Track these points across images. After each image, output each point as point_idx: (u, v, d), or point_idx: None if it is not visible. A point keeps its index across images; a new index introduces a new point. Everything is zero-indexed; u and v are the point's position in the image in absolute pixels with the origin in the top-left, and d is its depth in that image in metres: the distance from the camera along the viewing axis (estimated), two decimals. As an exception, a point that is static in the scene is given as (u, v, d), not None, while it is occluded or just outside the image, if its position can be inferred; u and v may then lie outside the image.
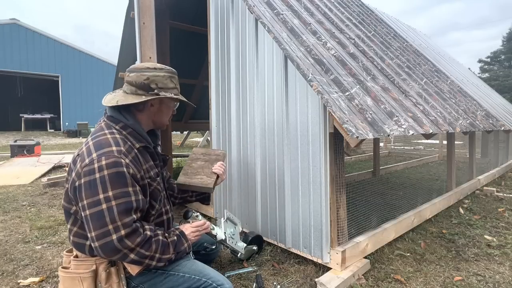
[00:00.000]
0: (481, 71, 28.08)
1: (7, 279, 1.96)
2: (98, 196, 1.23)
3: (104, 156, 1.26)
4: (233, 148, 2.68)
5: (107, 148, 1.30)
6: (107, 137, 1.35)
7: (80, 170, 1.27)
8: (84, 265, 1.36)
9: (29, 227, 2.87)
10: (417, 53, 4.77)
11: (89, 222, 1.24)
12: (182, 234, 1.50)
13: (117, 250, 1.24)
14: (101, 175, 1.24)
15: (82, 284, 1.34)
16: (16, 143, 7.25)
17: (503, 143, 6.07)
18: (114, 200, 1.24)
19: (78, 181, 1.26)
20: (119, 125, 1.42)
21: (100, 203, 1.23)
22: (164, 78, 1.48)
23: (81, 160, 1.29)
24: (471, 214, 3.30)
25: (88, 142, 1.35)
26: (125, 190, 1.27)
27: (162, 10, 4.55)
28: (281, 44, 2.11)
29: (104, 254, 1.25)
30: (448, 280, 1.98)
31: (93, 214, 1.23)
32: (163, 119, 1.57)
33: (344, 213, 2.05)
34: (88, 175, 1.25)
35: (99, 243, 1.23)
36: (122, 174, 1.27)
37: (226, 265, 2.12)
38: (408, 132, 2.03)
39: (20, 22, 17.92)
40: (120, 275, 1.38)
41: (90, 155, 1.28)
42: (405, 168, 6.20)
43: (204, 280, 1.43)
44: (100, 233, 1.22)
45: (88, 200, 1.24)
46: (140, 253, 1.28)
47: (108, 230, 1.22)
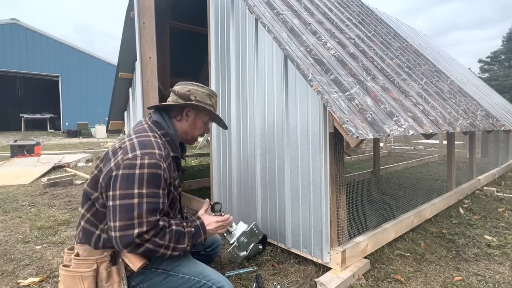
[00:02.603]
0: (481, 71, 28.09)
1: (7, 279, 1.96)
2: (133, 190, 1.29)
3: (147, 156, 1.34)
4: (233, 148, 2.68)
5: (151, 149, 1.38)
6: (151, 139, 1.44)
7: (121, 162, 1.32)
8: (85, 264, 1.37)
9: (29, 227, 2.87)
10: (417, 53, 4.77)
11: (116, 212, 1.28)
12: (202, 225, 1.54)
13: (135, 243, 1.28)
14: (140, 172, 1.31)
15: (83, 283, 1.35)
16: (16, 143, 7.25)
17: (503, 143, 6.07)
18: (146, 198, 1.31)
19: (116, 171, 1.32)
20: (161, 131, 1.54)
21: (133, 197, 1.29)
22: (203, 94, 1.65)
23: (124, 153, 1.35)
24: (471, 214, 3.30)
25: (132, 139, 1.43)
26: (157, 192, 1.35)
27: (162, 10, 4.55)
28: (281, 44, 2.11)
29: (121, 244, 1.28)
30: (448, 280, 1.98)
31: (123, 205, 1.28)
32: (194, 132, 1.70)
33: (344, 213, 2.05)
34: (128, 168, 1.31)
35: (119, 234, 1.27)
36: (159, 176, 1.35)
37: (226, 265, 2.12)
38: (408, 132, 2.03)
39: (20, 22, 17.93)
40: (121, 274, 1.39)
41: (134, 151, 1.35)
42: (405, 168, 6.20)
43: (204, 282, 1.43)
44: (124, 224, 1.27)
45: (121, 191, 1.29)
46: (154, 242, 1.32)
47: (132, 223, 1.28)
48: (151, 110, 1.64)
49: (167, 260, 1.46)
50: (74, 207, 3.54)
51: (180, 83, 1.69)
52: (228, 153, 2.75)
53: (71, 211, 3.38)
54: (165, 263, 1.47)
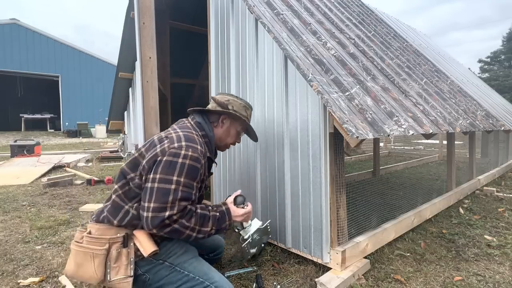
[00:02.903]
0: (481, 71, 28.09)
1: (7, 279, 1.96)
2: (173, 177, 1.40)
3: (191, 149, 1.47)
4: (233, 148, 2.68)
5: (195, 144, 1.50)
6: (195, 137, 1.57)
7: (167, 149, 1.44)
8: (98, 243, 1.43)
9: (29, 227, 2.87)
10: (417, 53, 4.77)
11: (153, 193, 1.38)
12: (227, 211, 1.61)
13: (164, 224, 1.36)
14: (183, 162, 1.42)
15: (94, 260, 1.40)
16: (16, 143, 7.26)
17: (503, 143, 6.07)
18: (182, 186, 1.41)
19: (161, 157, 1.43)
20: (202, 132, 1.67)
21: (171, 183, 1.39)
22: (240, 105, 1.81)
23: (170, 142, 1.47)
24: (471, 214, 3.30)
25: (178, 132, 1.55)
26: (192, 183, 1.46)
27: (162, 10, 4.56)
28: (281, 44, 2.11)
29: (152, 225, 1.36)
30: (448, 280, 1.98)
31: (161, 188, 1.38)
32: (228, 140, 1.84)
33: (344, 213, 2.05)
34: (172, 156, 1.42)
35: (152, 214, 1.36)
36: (197, 170, 1.47)
37: (226, 265, 2.13)
38: (408, 132, 2.03)
39: (20, 22, 17.94)
40: (129, 258, 1.43)
41: (180, 142, 1.47)
42: (405, 168, 6.20)
43: (207, 283, 1.45)
44: (158, 206, 1.36)
45: (161, 175, 1.39)
46: (181, 224, 1.40)
47: (166, 206, 1.36)
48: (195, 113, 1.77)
49: (175, 255, 1.50)
50: (74, 207, 3.54)
51: (221, 93, 1.87)
52: (228, 152, 2.75)
53: (71, 211, 3.38)
54: (173, 257, 1.50)
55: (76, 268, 1.43)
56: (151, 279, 1.46)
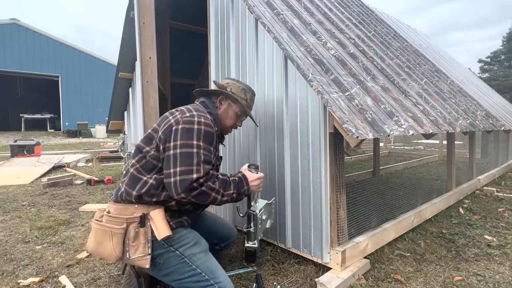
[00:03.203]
0: (481, 71, 28.09)
1: (7, 279, 1.97)
2: (193, 141, 1.47)
3: (203, 117, 1.55)
4: (234, 148, 2.68)
5: (204, 114, 1.59)
6: (203, 112, 1.63)
7: (180, 119, 1.51)
8: (116, 222, 1.46)
9: (29, 227, 2.87)
10: (417, 53, 4.77)
11: (177, 158, 1.43)
12: (244, 177, 1.69)
13: (192, 187, 1.41)
14: (198, 128, 1.50)
15: (112, 239, 1.44)
16: (16, 143, 7.26)
17: (503, 143, 6.07)
18: (203, 150, 1.48)
19: (176, 126, 1.49)
20: (207, 110, 1.74)
21: (193, 146, 1.46)
22: (239, 88, 1.85)
23: (182, 113, 1.55)
24: (471, 214, 3.30)
25: (187, 106, 1.64)
26: (210, 148, 1.54)
27: (162, 10, 4.56)
28: (281, 44, 2.11)
29: (180, 188, 1.40)
30: (448, 280, 1.98)
31: (184, 153, 1.44)
32: (226, 121, 1.85)
33: (344, 213, 2.05)
34: (188, 123, 1.50)
35: (180, 178, 1.40)
36: (212, 134, 1.56)
37: (226, 265, 2.13)
38: (408, 132, 2.03)
39: (20, 22, 17.93)
40: (147, 237, 1.45)
41: (190, 112, 1.56)
42: (405, 168, 6.20)
43: (211, 282, 1.45)
44: (185, 169, 1.41)
45: (182, 141, 1.46)
46: (208, 186, 1.46)
47: (192, 169, 1.42)
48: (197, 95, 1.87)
49: (187, 245, 1.51)
50: (74, 207, 3.54)
51: (225, 78, 1.96)
52: (228, 152, 2.75)
53: (71, 211, 3.38)
54: (184, 247, 1.50)
55: (96, 246, 1.48)
56: (161, 264, 1.48)
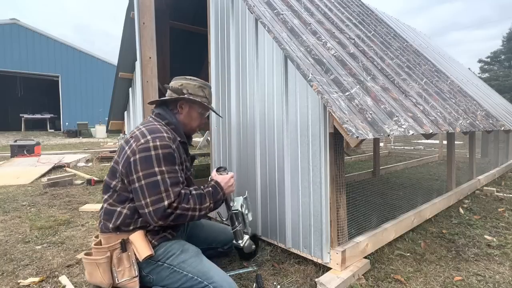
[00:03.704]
0: (481, 71, 28.08)
1: (7, 279, 1.96)
2: (154, 169, 1.46)
3: (158, 139, 1.51)
4: (233, 148, 2.68)
5: (159, 133, 1.55)
6: (158, 126, 1.61)
7: (136, 148, 1.49)
8: (100, 252, 1.52)
9: (29, 227, 2.87)
10: (417, 53, 4.77)
11: (144, 190, 1.44)
12: (217, 184, 1.73)
13: (166, 213, 1.43)
14: (156, 153, 1.48)
15: (99, 269, 1.51)
16: (16, 143, 7.26)
17: (503, 143, 6.06)
18: (167, 174, 1.47)
19: (134, 156, 1.48)
20: (165, 121, 1.70)
21: (156, 174, 1.45)
22: (195, 86, 1.79)
23: (136, 140, 1.52)
24: (471, 214, 3.30)
25: (140, 128, 1.59)
26: (175, 168, 1.53)
27: (162, 10, 4.56)
28: (281, 44, 2.11)
29: (156, 217, 1.43)
30: (448, 280, 1.98)
31: (149, 183, 1.44)
32: (192, 123, 1.83)
33: (344, 213, 2.05)
34: (144, 152, 1.47)
35: (152, 208, 1.43)
36: (172, 154, 1.53)
37: (226, 265, 2.12)
38: (408, 132, 2.03)
39: (20, 22, 17.92)
40: (131, 260, 1.50)
41: (144, 137, 1.52)
42: (405, 168, 6.20)
43: (205, 283, 1.48)
44: (154, 199, 1.43)
45: (143, 172, 1.45)
46: (182, 207, 1.48)
47: (161, 196, 1.43)
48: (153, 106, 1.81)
49: (174, 255, 1.55)
50: (74, 207, 3.54)
51: (175, 78, 1.83)
52: (228, 153, 2.75)
53: (71, 211, 3.38)
54: (171, 258, 1.54)
55: (89, 277, 1.57)
56: (155, 279, 1.53)
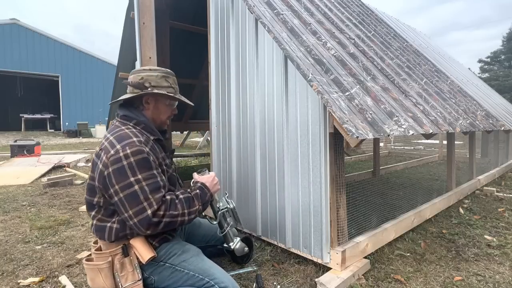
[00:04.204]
0: (481, 71, 28.07)
1: (7, 279, 1.96)
2: (129, 179, 1.39)
3: (128, 146, 1.42)
4: (233, 148, 2.68)
5: (128, 139, 1.45)
6: (126, 131, 1.51)
7: (107, 161, 1.41)
8: (101, 258, 1.50)
9: (29, 227, 2.87)
10: (417, 53, 4.77)
11: (124, 203, 1.39)
12: (203, 185, 1.68)
13: (153, 222, 1.39)
14: (128, 162, 1.40)
15: (101, 274, 1.49)
16: (16, 143, 7.25)
17: (503, 143, 6.06)
18: (144, 181, 1.40)
19: (107, 170, 1.41)
20: (133, 122, 1.59)
21: (132, 185, 1.39)
22: (157, 77, 1.63)
23: (106, 152, 1.43)
24: (471, 214, 3.30)
25: (108, 138, 1.49)
26: (152, 173, 1.44)
27: (162, 10, 4.55)
28: (281, 44, 2.11)
29: (143, 227, 1.40)
30: (448, 280, 1.98)
31: (127, 195, 1.38)
32: (161, 116, 1.72)
33: (344, 213, 2.05)
34: (116, 163, 1.39)
35: (136, 219, 1.39)
36: (146, 159, 1.44)
37: (226, 265, 2.12)
38: (408, 132, 2.03)
39: (20, 22, 17.91)
40: (133, 264, 1.49)
41: (114, 147, 1.43)
42: (405, 168, 6.20)
43: (207, 280, 1.49)
44: (136, 210, 1.38)
45: (120, 184, 1.39)
46: (170, 214, 1.43)
47: (143, 206, 1.38)
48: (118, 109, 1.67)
49: (175, 255, 1.55)
50: (74, 207, 3.54)
51: (133, 72, 1.66)
52: (228, 153, 2.75)
53: (71, 211, 3.38)
54: (173, 257, 1.54)
55: (91, 282, 1.55)
56: (157, 280, 1.53)
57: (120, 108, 1.66)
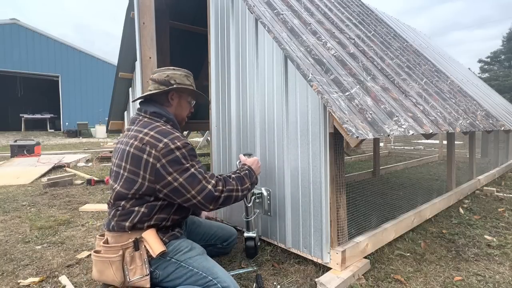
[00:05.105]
0: (481, 71, 28.08)
1: (7, 279, 1.96)
2: (185, 165, 1.53)
3: (176, 139, 1.55)
4: (233, 148, 2.68)
5: (173, 134, 1.58)
6: (165, 127, 1.62)
7: (158, 153, 1.50)
8: (112, 250, 1.54)
9: (29, 227, 2.87)
10: (417, 53, 4.77)
11: (185, 185, 1.52)
12: (250, 168, 1.87)
13: (216, 196, 1.56)
14: (181, 152, 1.53)
15: (112, 267, 1.52)
16: (16, 143, 7.26)
17: (503, 143, 6.06)
18: (197, 165, 1.58)
19: (159, 162, 1.50)
20: (163, 119, 1.70)
21: (189, 169, 1.54)
22: (181, 76, 1.80)
23: (153, 146, 1.52)
24: (471, 214, 3.30)
25: (148, 133, 1.57)
26: (198, 159, 1.63)
27: (162, 10, 4.56)
28: (281, 44, 2.11)
29: (207, 202, 1.55)
30: (448, 280, 1.98)
31: (187, 178, 1.52)
32: (182, 113, 1.86)
33: (344, 213, 2.05)
34: (169, 155, 1.51)
35: (200, 196, 1.53)
36: (193, 149, 1.61)
37: (226, 265, 2.12)
38: (408, 132, 2.03)
39: (20, 22, 17.92)
40: (143, 258, 1.53)
41: (161, 141, 1.53)
42: (405, 168, 6.20)
43: (209, 278, 1.52)
44: (198, 188, 1.53)
45: (177, 172, 1.51)
46: (228, 189, 1.62)
47: (203, 184, 1.55)
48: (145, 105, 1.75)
49: (181, 252, 1.59)
50: (74, 207, 3.54)
51: (157, 70, 1.81)
52: (228, 153, 2.75)
53: (71, 211, 3.38)
54: (179, 254, 1.58)
55: (99, 275, 1.57)
56: (161, 275, 1.56)
57: (145, 105, 1.74)
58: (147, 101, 1.76)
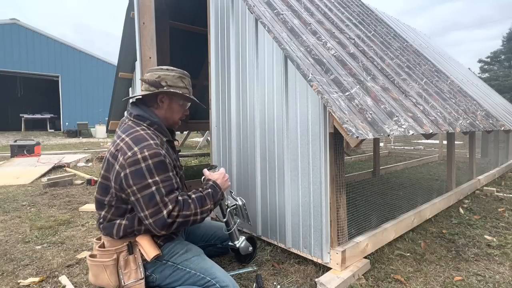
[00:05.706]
0: (481, 71, 28.07)
1: (7, 279, 1.96)
2: (147, 180, 1.41)
3: (145, 148, 1.44)
4: (233, 148, 2.68)
5: (145, 142, 1.47)
6: (141, 133, 1.52)
7: (124, 162, 1.43)
8: (107, 255, 1.53)
9: (29, 227, 2.87)
10: (417, 53, 4.77)
11: (141, 203, 1.42)
12: (215, 183, 1.69)
13: (168, 223, 1.42)
14: (146, 164, 1.42)
15: (106, 271, 1.51)
16: (16, 143, 7.25)
17: (503, 143, 6.06)
18: (161, 183, 1.43)
19: (124, 171, 1.43)
20: (147, 122, 1.59)
21: (150, 186, 1.41)
22: (174, 77, 1.66)
23: (123, 154, 1.45)
24: (471, 214, 3.30)
25: (124, 139, 1.50)
26: (168, 175, 1.47)
27: (162, 10, 4.55)
28: (281, 44, 2.11)
29: (158, 228, 1.42)
30: (448, 280, 1.98)
31: (145, 196, 1.41)
32: (174, 116, 1.74)
33: (344, 213, 2.05)
34: (133, 165, 1.42)
35: (152, 220, 1.41)
36: (163, 161, 1.47)
37: (226, 265, 2.13)
38: (408, 132, 2.03)
39: (20, 22, 17.91)
40: (137, 262, 1.52)
41: (131, 149, 1.44)
42: (405, 168, 6.20)
43: (208, 279, 1.51)
44: (152, 210, 1.41)
45: (137, 186, 1.41)
46: (183, 215, 1.45)
47: (159, 207, 1.41)
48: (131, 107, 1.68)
49: (177, 254, 1.57)
50: (74, 207, 3.54)
51: (150, 70, 1.70)
52: (228, 153, 2.75)
53: (71, 211, 3.38)
54: (175, 256, 1.56)
55: (94, 279, 1.57)
56: (158, 278, 1.55)
57: (132, 107, 1.66)
58: (137, 102, 1.68)
